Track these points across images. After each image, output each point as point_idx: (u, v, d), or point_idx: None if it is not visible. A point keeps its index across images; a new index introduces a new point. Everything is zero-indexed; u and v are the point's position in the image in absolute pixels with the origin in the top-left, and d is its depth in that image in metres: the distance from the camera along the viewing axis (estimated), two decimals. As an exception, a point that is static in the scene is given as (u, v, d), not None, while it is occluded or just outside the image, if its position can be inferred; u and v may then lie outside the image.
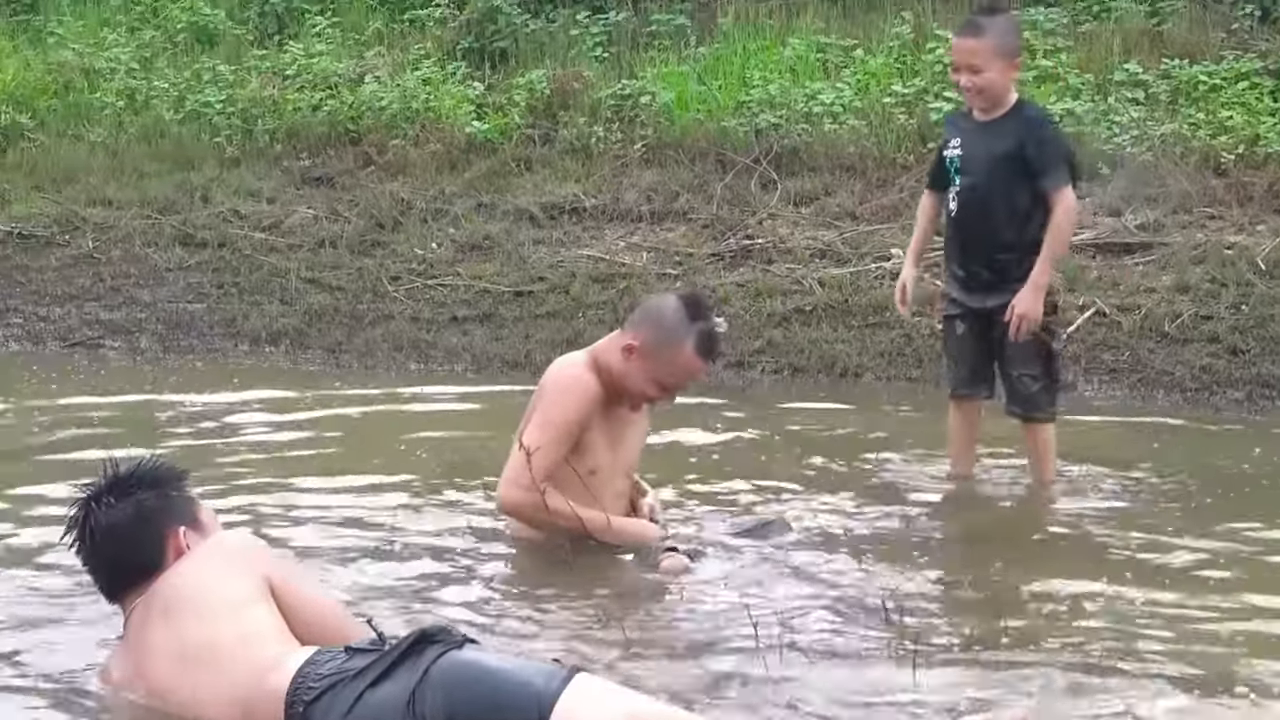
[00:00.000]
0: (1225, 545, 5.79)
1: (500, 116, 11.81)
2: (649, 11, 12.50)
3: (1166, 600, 5.12)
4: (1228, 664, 4.56)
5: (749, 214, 10.55)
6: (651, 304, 5.69)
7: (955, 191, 6.57)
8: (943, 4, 12.20)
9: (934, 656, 4.59)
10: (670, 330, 5.44)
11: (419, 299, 10.19)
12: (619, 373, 5.45)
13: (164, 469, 4.36)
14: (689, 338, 5.44)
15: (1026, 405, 6.59)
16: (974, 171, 6.51)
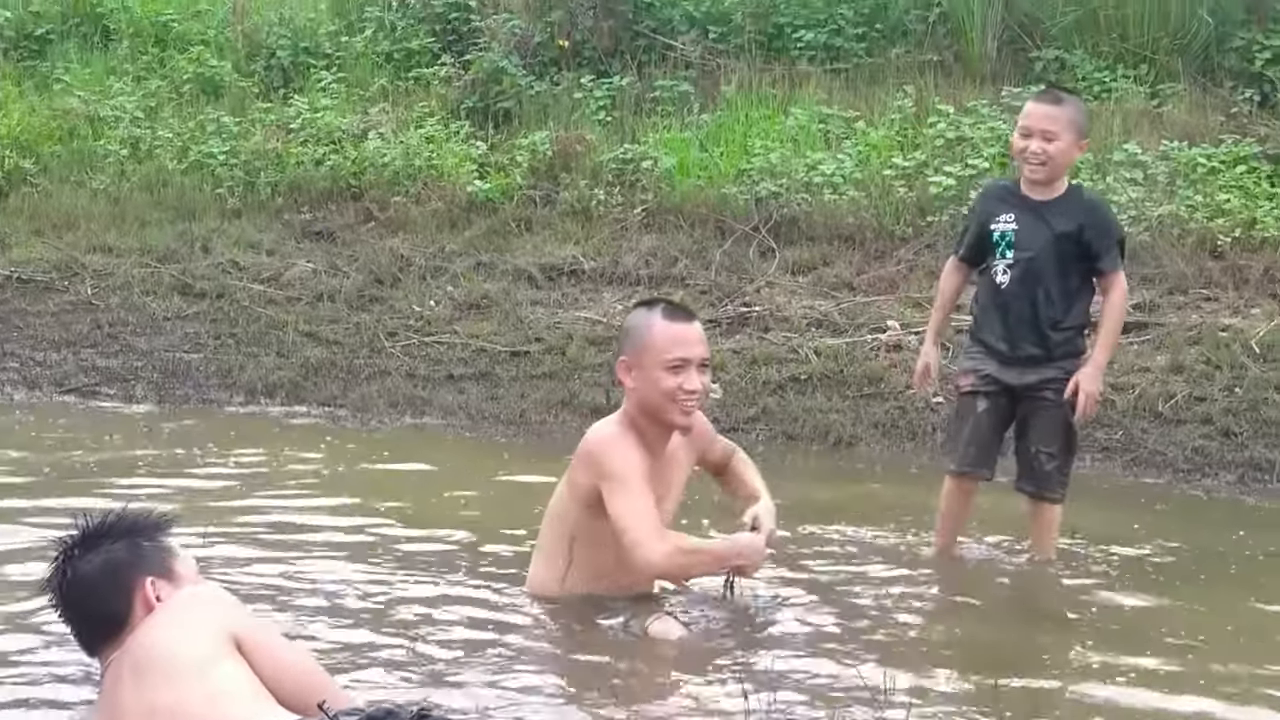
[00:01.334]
0: (1213, 622, 5.80)
1: (502, 176, 11.87)
2: (653, 77, 12.57)
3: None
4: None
5: (747, 281, 10.59)
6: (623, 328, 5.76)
7: (1007, 265, 6.57)
8: (944, 79, 12.29)
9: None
10: (636, 326, 5.50)
11: (416, 356, 10.22)
12: (640, 401, 5.42)
13: (135, 518, 4.28)
14: (653, 316, 5.48)
15: (1041, 483, 6.62)
16: (1031, 248, 6.55)
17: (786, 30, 12.91)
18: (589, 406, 9.39)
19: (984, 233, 6.64)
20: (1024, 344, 6.60)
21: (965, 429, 6.71)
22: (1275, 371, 9.10)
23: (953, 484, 6.73)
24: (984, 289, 6.68)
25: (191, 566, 4.30)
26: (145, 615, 4.10)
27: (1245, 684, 5.13)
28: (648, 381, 5.39)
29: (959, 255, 6.81)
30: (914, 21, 12.85)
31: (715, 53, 12.81)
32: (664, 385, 5.37)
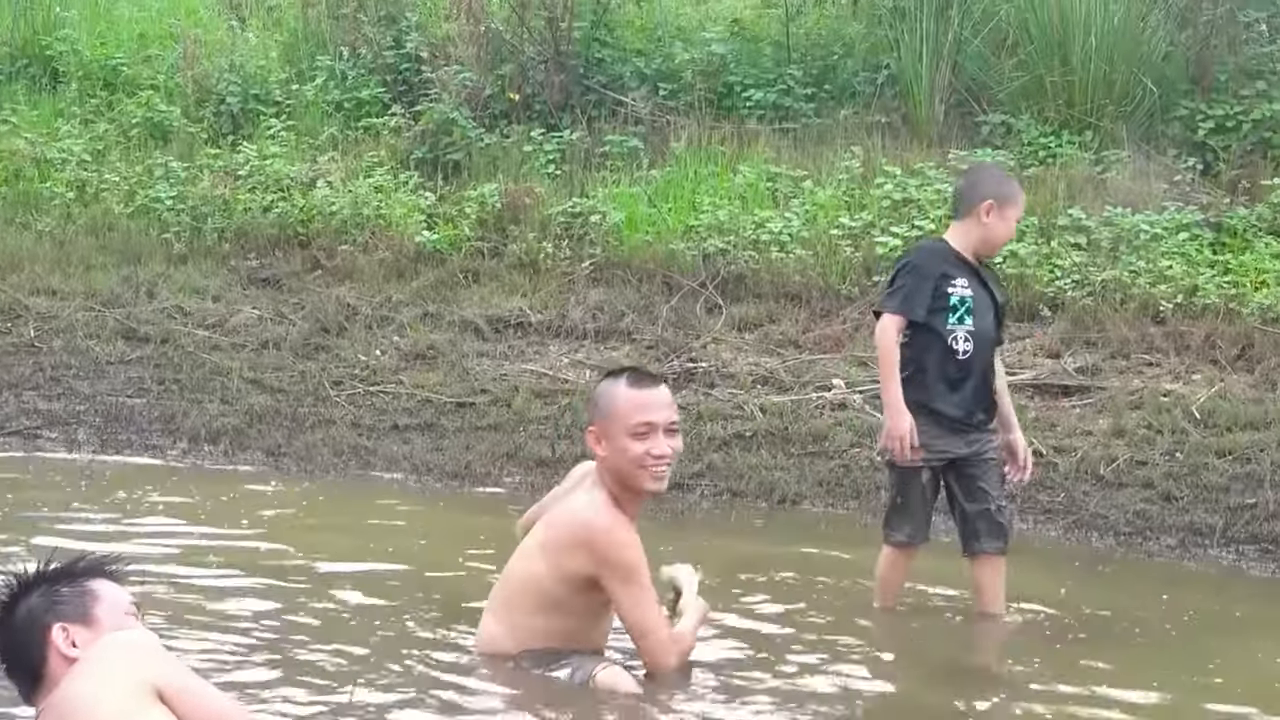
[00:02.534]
0: (1157, 680, 5.84)
1: (450, 227, 11.88)
2: (603, 132, 12.62)
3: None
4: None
5: (693, 337, 10.63)
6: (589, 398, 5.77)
7: (968, 332, 6.61)
8: (892, 141, 12.38)
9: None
10: (602, 394, 5.56)
11: (361, 405, 10.19)
12: (612, 469, 5.44)
13: (59, 565, 4.21)
14: (618, 384, 5.54)
15: (1002, 535, 6.72)
16: (984, 315, 6.66)
17: (736, 89, 12.99)
18: (534, 459, 9.40)
19: (939, 294, 6.61)
20: (977, 412, 6.68)
21: (912, 501, 6.71)
22: (1215, 437, 9.18)
23: (897, 554, 6.77)
24: (936, 356, 6.63)
25: (117, 608, 4.16)
26: (62, 664, 4.02)
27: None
28: (616, 450, 5.42)
29: (909, 314, 6.62)
30: (862, 83, 12.96)
31: (665, 109, 12.87)
32: (632, 452, 5.40)
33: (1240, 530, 8.47)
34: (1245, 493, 8.71)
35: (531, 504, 8.73)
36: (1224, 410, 9.36)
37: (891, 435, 6.56)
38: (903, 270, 6.75)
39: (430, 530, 8.01)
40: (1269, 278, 10.40)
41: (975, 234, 6.74)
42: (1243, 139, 11.83)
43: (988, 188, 6.78)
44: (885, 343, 6.64)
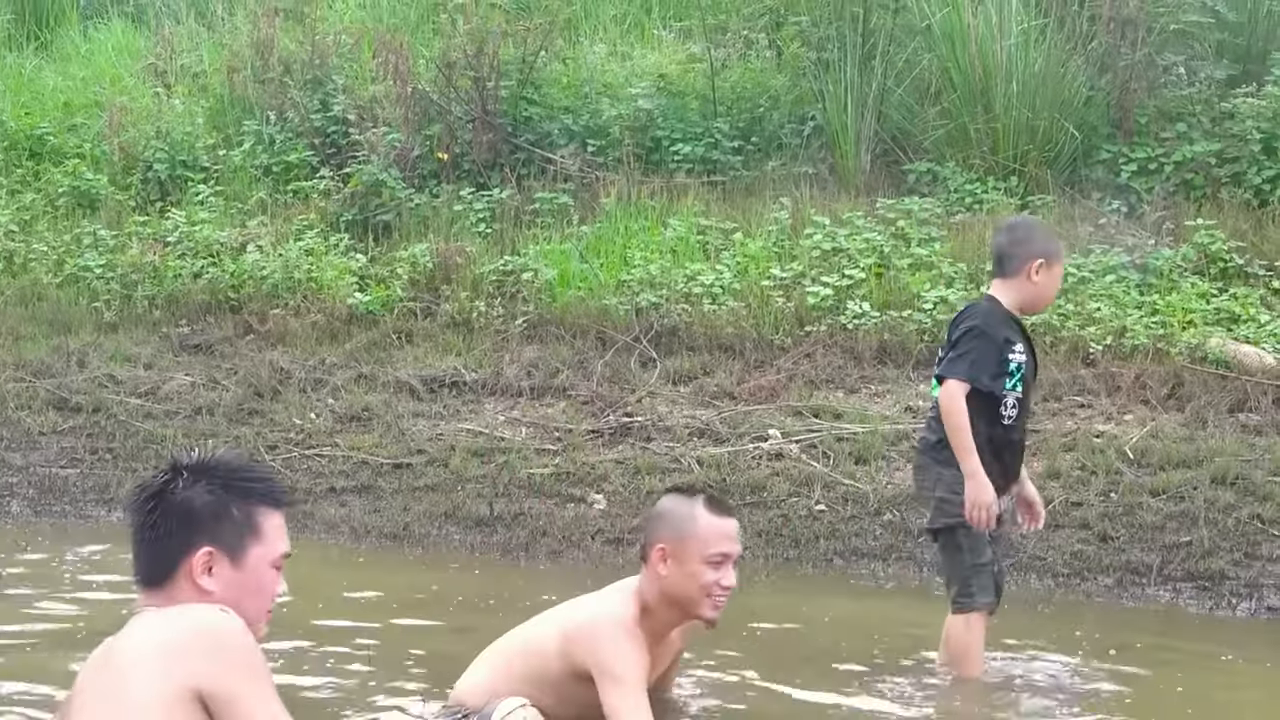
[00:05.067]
0: None
1: (382, 288, 11.87)
2: (532, 190, 12.65)
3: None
4: None
5: (628, 391, 10.64)
6: (652, 514, 5.67)
7: (1016, 399, 6.52)
8: (820, 191, 12.47)
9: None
10: (677, 514, 5.46)
11: (296, 469, 10.14)
12: (668, 590, 5.37)
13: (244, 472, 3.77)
14: (696, 506, 5.46)
15: (1000, 591, 6.72)
16: (1029, 380, 6.62)
17: (664, 143, 13.06)
18: (473, 518, 9.38)
19: (1002, 359, 6.49)
20: (1014, 471, 6.67)
21: (986, 561, 6.56)
22: (1149, 476, 9.27)
23: (982, 618, 6.61)
24: (985, 422, 6.45)
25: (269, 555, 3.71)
26: (188, 586, 3.62)
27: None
28: (685, 574, 5.36)
29: (977, 382, 6.44)
30: (789, 135, 13.05)
31: (594, 165, 12.92)
32: (704, 579, 5.36)
33: (1176, 568, 8.54)
34: (1180, 531, 8.79)
35: (470, 563, 8.77)
36: (1156, 449, 9.45)
37: (978, 505, 6.36)
38: (969, 335, 6.51)
39: (371, 589, 7.97)
40: (1195, 317, 10.52)
41: (1025, 293, 6.60)
42: (1165, 180, 11.98)
43: (1036, 245, 6.60)
44: (956, 411, 6.40)
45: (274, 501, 3.74)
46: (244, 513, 3.68)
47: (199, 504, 3.65)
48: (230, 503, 3.67)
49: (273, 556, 3.70)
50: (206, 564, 3.62)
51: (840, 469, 9.59)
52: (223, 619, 3.53)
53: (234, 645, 3.50)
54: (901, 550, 8.93)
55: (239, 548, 3.66)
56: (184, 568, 3.62)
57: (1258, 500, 9.00)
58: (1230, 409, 9.85)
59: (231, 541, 3.65)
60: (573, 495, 9.59)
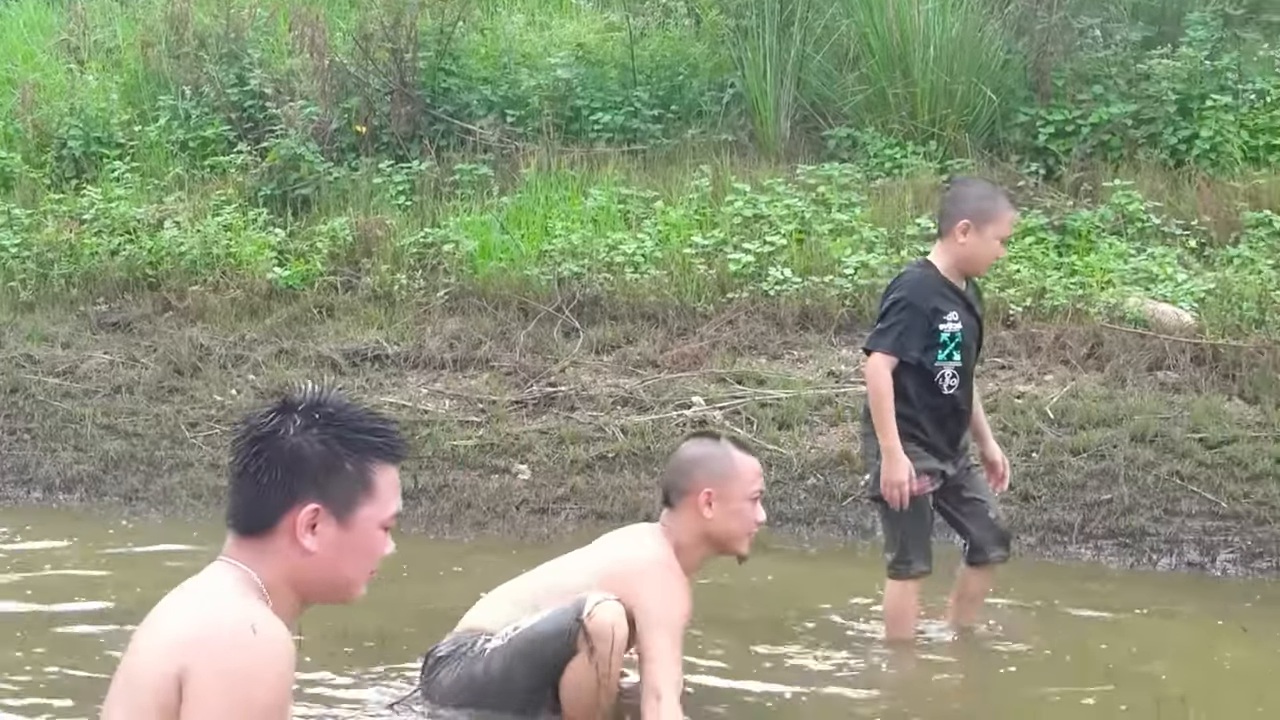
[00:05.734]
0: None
1: (302, 263, 11.78)
2: (452, 161, 12.59)
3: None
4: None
5: (551, 361, 10.62)
6: (683, 461, 5.64)
7: (955, 368, 6.46)
8: (740, 158, 12.48)
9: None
10: (715, 457, 5.56)
11: (218, 446, 10.05)
12: (713, 531, 5.48)
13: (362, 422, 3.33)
14: (730, 449, 5.61)
15: (1006, 541, 6.73)
16: (969, 347, 6.54)
17: (584, 113, 13.03)
18: (397, 491, 9.32)
19: (931, 330, 6.41)
20: (960, 435, 6.63)
21: (924, 530, 6.55)
22: (1070, 435, 9.34)
23: (917, 584, 6.60)
24: (921, 392, 6.44)
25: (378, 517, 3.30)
26: (288, 542, 3.24)
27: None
28: (730, 513, 5.50)
29: (902, 355, 6.40)
30: (709, 103, 13.05)
31: (513, 136, 12.88)
32: (748, 516, 5.53)
33: (1098, 526, 8.62)
34: (1101, 489, 8.87)
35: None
36: (1077, 409, 9.52)
37: (890, 482, 6.35)
38: (896, 306, 6.45)
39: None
40: (1114, 277, 10.60)
41: (955, 254, 6.50)
42: (1082, 142, 12.07)
43: (966, 206, 6.50)
44: (880, 384, 6.36)
45: (391, 455, 3.34)
46: (358, 468, 3.28)
47: (310, 454, 3.25)
48: (345, 456, 3.28)
49: (384, 517, 3.32)
50: (311, 522, 3.24)
51: (764, 434, 9.61)
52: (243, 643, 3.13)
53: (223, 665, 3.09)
54: (825, 514, 8.96)
55: (349, 506, 3.27)
56: (286, 522, 3.24)
57: (1177, 457, 9.08)
58: (1149, 367, 9.93)
59: (341, 499, 3.27)
60: (497, 466, 9.57)
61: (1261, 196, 11.35)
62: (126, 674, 3.16)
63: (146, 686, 3.07)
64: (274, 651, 3.11)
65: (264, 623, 3.13)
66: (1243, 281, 10.41)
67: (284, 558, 3.25)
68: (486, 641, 5.35)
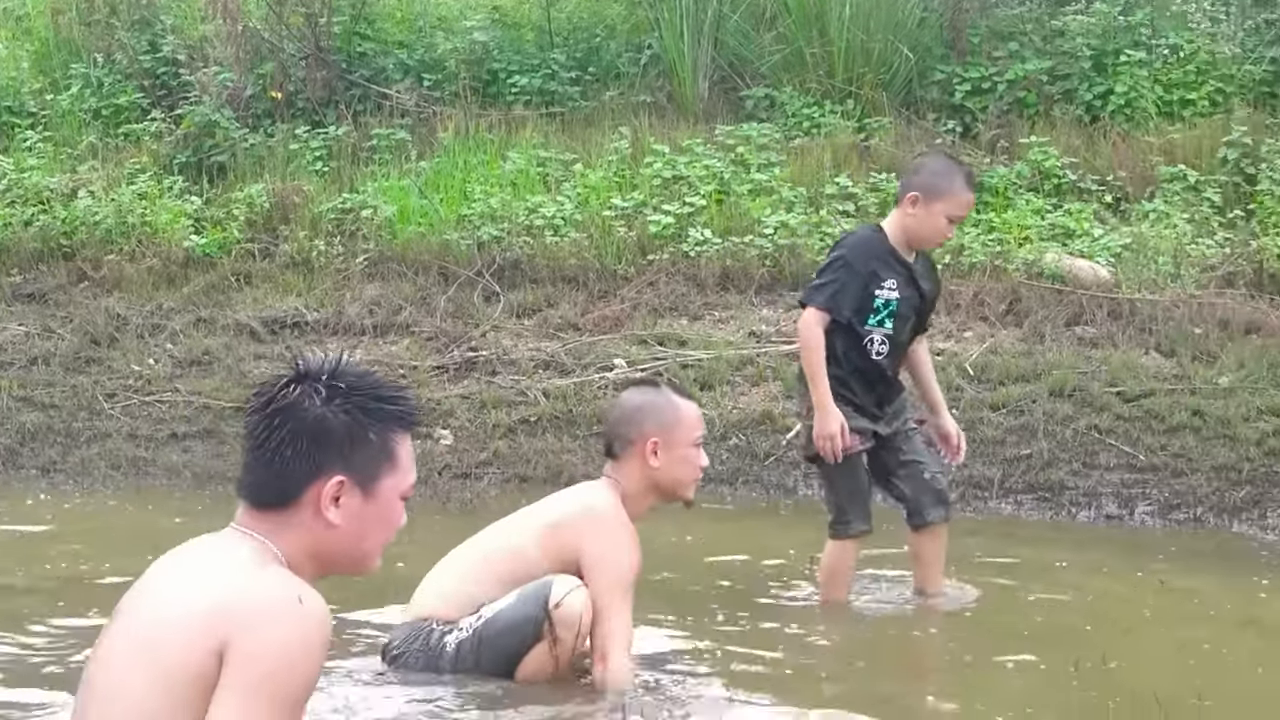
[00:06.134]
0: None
1: (219, 231, 11.68)
2: (369, 126, 12.50)
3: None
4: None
5: (472, 326, 10.59)
6: (627, 410, 5.56)
7: (885, 335, 6.42)
8: (659, 120, 12.45)
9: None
10: (659, 406, 5.51)
11: (137, 416, 9.99)
12: (659, 479, 5.45)
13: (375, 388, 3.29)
14: (672, 396, 5.57)
15: (944, 502, 6.65)
16: (904, 319, 6.48)
17: (501, 76, 12.96)
18: (318, 459, 9.29)
19: (866, 294, 6.37)
20: (888, 399, 6.59)
21: (860, 489, 6.53)
22: (989, 391, 9.40)
23: (855, 544, 6.57)
24: (852, 353, 6.41)
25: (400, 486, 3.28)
26: (312, 515, 3.19)
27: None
28: (677, 460, 5.46)
29: (835, 313, 6.37)
30: (626, 64, 13.01)
31: (431, 100, 12.80)
32: (694, 462, 5.50)
33: (1017, 480, 8.69)
34: (1020, 444, 8.94)
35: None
36: (996, 365, 9.59)
37: (821, 435, 6.32)
38: (835, 264, 6.43)
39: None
40: (1031, 233, 10.67)
41: (902, 225, 6.46)
42: (998, 99, 12.12)
43: (917, 178, 6.48)
44: (811, 339, 6.34)
45: (410, 424, 3.32)
46: (381, 438, 3.24)
47: (335, 425, 3.20)
48: (368, 426, 3.23)
49: (404, 487, 3.29)
50: (336, 494, 3.19)
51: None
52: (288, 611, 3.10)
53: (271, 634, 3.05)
54: (748, 474, 8.99)
55: (372, 477, 3.23)
56: (310, 494, 3.19)
57: (1095, 411, 9.16)
58: (1067, 323, 10.01)
59: (366, 470, 3.22)
60: (419, 432, 9.48)
61: (1176, 151, 11.43)
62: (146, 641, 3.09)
63: (179, 659, 3.03)
64: (318, 624, 3.10)
65: (309, 595, 3.12)
66: (1158, 236, 10.50)
67: (306, 530, 3.21)
68: (446, 633, 5.27)
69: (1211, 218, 10.87)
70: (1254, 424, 9.01)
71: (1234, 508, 8.46)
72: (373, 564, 3.33)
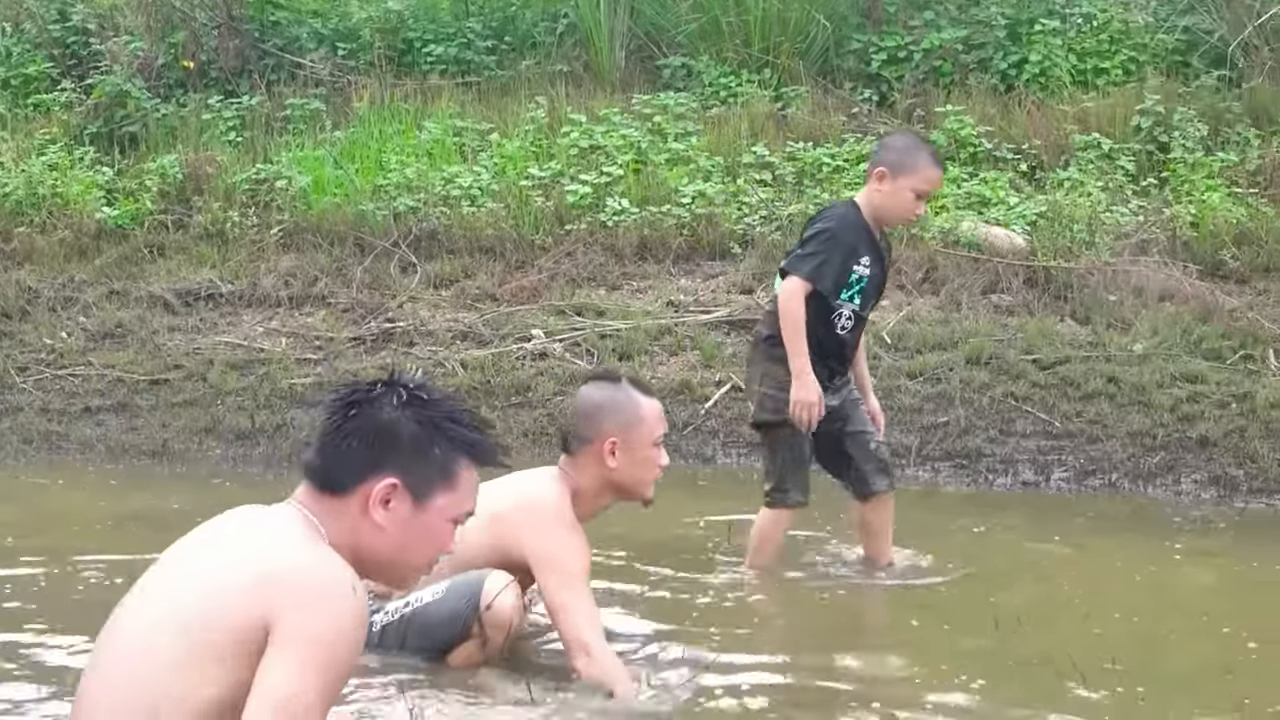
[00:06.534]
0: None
1: (131, 202, 11.55)
2: (283, 96, 12.39)
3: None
4: None
5: (389, 297, 10.52)
6: (586, 406, 5.39)
7: (853, 311, 6.44)
8: (575, 89, 12.42)
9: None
10: (619, 404, 5.34)
11: (49, 390, 9.87)
12: (617, 479, 5.30)
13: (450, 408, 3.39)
14: (633, 393, 5.41)
15: (889, 471, 6.69)
16: (869, 296, 6.50)
17: (416, 45, 12.88)
18: (234, 432, 9.24)
19: (845, 269, 6.39)
20: (839, 373, 6.58)
21: (802, 461, 6.52)
22: (906, 359, 9.44)
23: (790, 514, 6.58)
24: (818, 324, 6.38)
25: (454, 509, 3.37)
26: (359, 513, 3.29)
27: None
28: (636, 460, 5.30)
29: (818, 285, 6.35)
30: (543, 33, 12.96)
31: (345, 69, 12.70)
32: (653, 463, 5.35)
33: (935, 448, 8.73)
34: (937, 411, 8.98)
35: (233, 478, 8.63)
36: (913, 333, 9.63)
37: (800, 402, 6.30)
38: (819, 236, 6.40)
39: (129, 509, 7.79)
40: (948, 201, 10.70)
41: (872, 201, 6.45)
42: (915, 69, 12.16)
43: (884, 154, 6.48)
44: (794, 309, 6.32)
45: (481, 457, 3.41)
46: (445, 456, 3.34)
47: (404, 430, 3.32)
48: (436, 441, 3.34)
49: (458, 512, 3.39)
50: (386, 496, 3.30)
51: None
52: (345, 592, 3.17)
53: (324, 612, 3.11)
54: (666, 444, 8.96)
55: (427, 490, 3.33)
56: (362, 489, 3.30)
57: (1011, 379, 9.22)
58: (983, 290, 10.06)
59: (421, 481, 3.32)
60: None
61: (1090, 119, 11.51)
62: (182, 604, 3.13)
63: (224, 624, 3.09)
64: (362, 613, 3.17)
65: (359, 584, 3.20)
66: (1073, 204, 10.57)
67: (353, 524, 3.31)
68: (375, 611, 5.19)
69: (1125, 185, 10.95)
70: (1168, 390, 9.09)
71: (1148, 473, 8.54)
72: (410, 580, 3.44)
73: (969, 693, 5.09)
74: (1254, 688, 5.04)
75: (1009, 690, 5.05)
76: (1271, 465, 8.47)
